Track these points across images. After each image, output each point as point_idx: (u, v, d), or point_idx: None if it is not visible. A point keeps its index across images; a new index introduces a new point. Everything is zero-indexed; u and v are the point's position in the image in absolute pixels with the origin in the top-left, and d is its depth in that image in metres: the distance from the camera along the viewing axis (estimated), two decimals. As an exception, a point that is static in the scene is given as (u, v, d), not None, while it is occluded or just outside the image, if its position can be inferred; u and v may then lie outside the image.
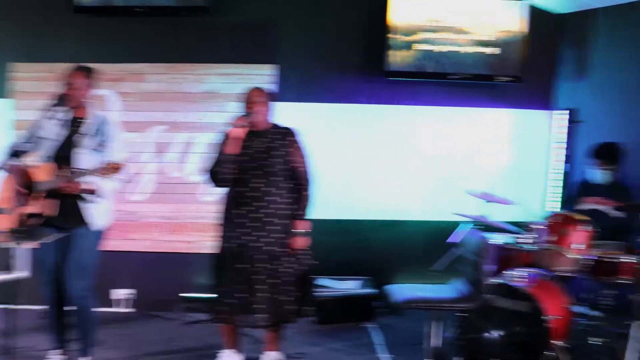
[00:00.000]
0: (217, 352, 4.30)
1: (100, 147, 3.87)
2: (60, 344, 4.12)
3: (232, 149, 3.85)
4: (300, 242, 4.02)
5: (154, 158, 5.67)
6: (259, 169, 3.94)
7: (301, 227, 4.03)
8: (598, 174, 4.98)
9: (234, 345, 4.23)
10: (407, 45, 5.78)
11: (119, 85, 5.63)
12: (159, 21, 5.65)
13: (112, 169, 3.63)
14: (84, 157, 3.83)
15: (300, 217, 4.04)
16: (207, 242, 4.16)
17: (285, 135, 4.09)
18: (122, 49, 5.66)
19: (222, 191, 4.07)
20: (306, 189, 4.09)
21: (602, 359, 4.26)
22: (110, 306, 5.61)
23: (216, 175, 3.95)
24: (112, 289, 5.62)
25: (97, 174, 3.66)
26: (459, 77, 5.85)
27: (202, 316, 5.21)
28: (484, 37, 5.84)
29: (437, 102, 6.03)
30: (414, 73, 5.84)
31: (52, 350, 4.12)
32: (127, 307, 5.62)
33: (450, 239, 4.93)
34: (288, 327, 4.16)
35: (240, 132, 3.86)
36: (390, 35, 5.74)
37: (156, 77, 5.66)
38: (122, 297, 5.62)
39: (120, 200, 5.54)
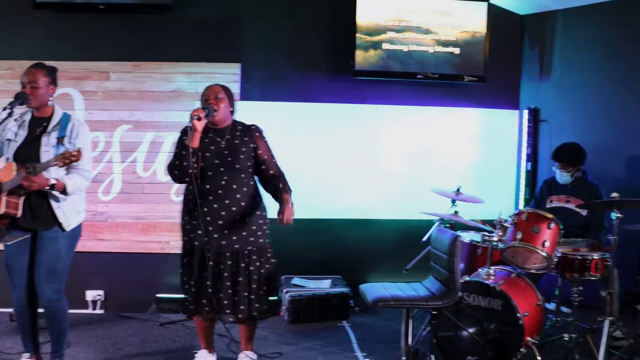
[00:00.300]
0: (193, 353, 4.27)
1: (64, 146, 3.75)
2: (32, 347, 4.01)
3: (192, 141, 3.79)
4: (292, 212, 3.91)
5: (121, 158, 5.57)
6: (222, 166, 3.89)
7: (289, 198, 3.94)
8: (559, 175, 5.09)
9: (208, 345, 4.20)
10: (374, 45, 5.82)
11: (83, 83, 5.52)
12: (123, 19, 5.55)
13: (71, 156, 3.54)
14: (48, 157, 3.71)
15: (287, 189, 3.98)
16: (178, 242, 4.10)
17: (249, 131, 4.05)
18: (86, 47, 5.54)
19: (185, 188, 4.01)
20: (282, 174, 4.06)
21: (574, 355, 4.35)
22: (84, 308, 5.50)
23: (176, 169, 3.87)
24: (84, 290, 5.51)
25: (56, 163, 3.55)
26: (424, 76, 5.91)
27: (176, 317, 5.17)
28: (448, 37, 5.92)
29: (404, 102, 6.09)
30: (380, 72, 5.89)
31: (24, 354, 4.01)
32: (100, 308, 5.53)
33: (422, 238, 4.98)
34: (263, 326, 4.15)
35: (199, 125, 3.79)
36: (357, 35, 5.77)
37: (121, 75, 5.57)
38: (95, 298, 5.51)
39: (89, 200, 5.45)
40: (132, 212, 5.57)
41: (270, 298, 4.04)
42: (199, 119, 3.78)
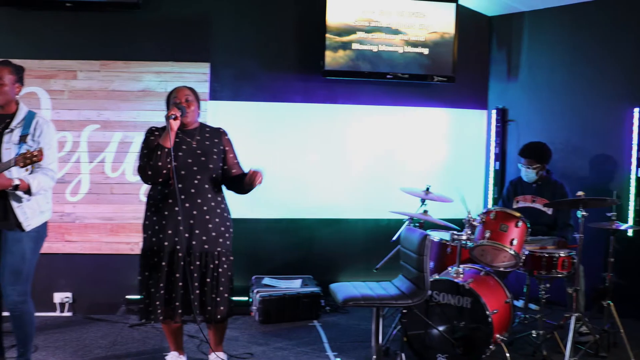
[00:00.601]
0: (163, 355, 4.24)
1: (29, 146, 3.69)
2: (-3, 351, 3.95)
3: (167, 141, 3.76)
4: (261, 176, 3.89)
5: (89, 158, 5.50)
6: (195, 165, 3.87)
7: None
8: (524, 172, 5.16)
9: (178, 347, 4.16)
10: (343, 45, 5.84)
11: (49, 82, 5.44)
12: (90, 16, 5.49)
13: (32, 157, 3.48)
14: (9, 155, 3.64)
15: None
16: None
17: (219, 134, 4.07)
18: (52, 45, 5.46)
19: (151, 188, 3.97)
20: None
21: (541, 351, 4.42)
22: (51, 310, 5.42)
23: (150, 169, 3.78)
24: (52, 292, 5.43)
25: (17, 163, 3.49)
26: (393, 76, 5.94)
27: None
28: (418, 37, 5.97)
29: (374, 102, 6.13)
30: (350, 72, 5.91)
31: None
32: (68, 311, 5.45)
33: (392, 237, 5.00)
34: (234, 327, 4.12)
35: (175, 125, 3.77)
36: (327, 35, 5.78)
37: (88, 74, 5.50)
38: (63, 301, 5.44)
39: (56, 201, 5.37)
40: (100, 213, 5.51)
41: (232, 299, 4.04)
42: (175, 118, 3.76)
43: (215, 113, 5.65)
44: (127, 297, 5.42)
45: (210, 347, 4.17)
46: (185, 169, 3.86)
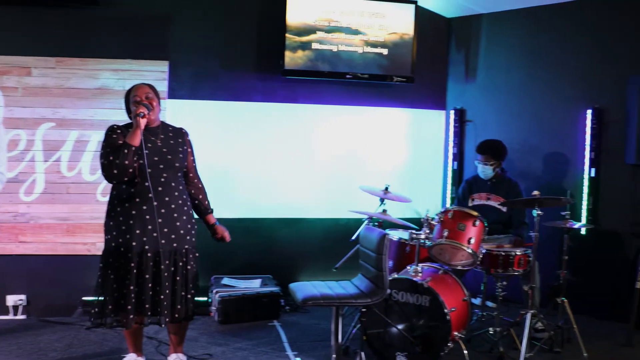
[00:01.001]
0: (121, 356, 4.17)
1: None
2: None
3: (135, 139, 3.71)
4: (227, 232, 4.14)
5: (44, 157, 5.39)
6: (162, 163, 3.82)
7: (214, 220, 4.11)
8: (481, 169, 5.23)
9: (137, 349, 4.11)
10: (303, 45, 5.84)
11: (2, 79, 5.30)
12: (47, 12, 5.37)
13: None
14: None
15: (210, 208, 4.13)
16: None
17: (182, 134, 4.03)
18: (6, 40, 5.32)
19: (113, 187, 3.91)
20: (203, 187, 4.12)
21: (498, 348, 4.49)
22: (4, 314, 5.30)
23: (115, 168, 3.69)
24: (5, 295, 5.30)
25: None
26: (353, 76, 5.97)
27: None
28: (377, 38, 6.01)
29: (334, 101, 6.15)
30: (309, 72, 5.92)
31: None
32: (22, 314, 5.33)
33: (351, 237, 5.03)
34: (193, 327, 4.08)
35: (143, 123, 3.72)
36: (287, 35, 5.77)
37: (43, 71, 5.38)
38: (16, 303, 5.31)
39: (9, 201, 5.27)
40: (56, 213, 5.39)
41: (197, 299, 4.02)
42: (144, 116, 3.72)
43: (174, 112, 5.59)
44: (84, 298, 5.30)
45: (170, 348, 4.12)
46: (152, 167, 3.80)
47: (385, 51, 6.03)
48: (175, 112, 5.61)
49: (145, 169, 3.75)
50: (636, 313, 4.89)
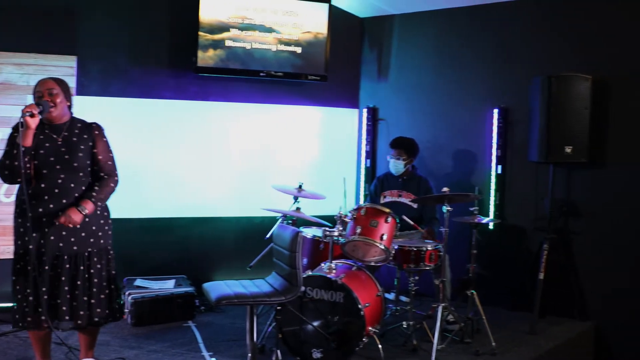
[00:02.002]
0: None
1: None
2: None
3: (24, 140, 3.55)
4: (75, 219, 3.64)
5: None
6: (59, 164, 3.68)
7: (87, 207, 3.69)
8: (393, 164, 5.34)
9: (45, 356, 3.95)
10: (216, 42, 5.79)
11: None
12: (-57, 3, 5.10)
13: None
14: None
15: (92, 197, 3.72)
16: (11, 247, 3.83)
17: (89, 129, 3.86)
18: None
19: (18, 188, 3.76)
20: (112, 181, 3.85)
21: (412, 341, 4.59)
22: None
23: (6, 169, 3.61)
24: None
25: None
26: (267, 74, 5.96)
27: (7, 327, 4.77)
28: (291, 36, 6.02)
29: (248, 99, 6.12)
30: (222, 70, 5.86)
31: None
32: None
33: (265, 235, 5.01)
34: (105, 331, 3.96)
35: (32, 122, 3.57)
36: (200, 32, 5.70)
37: (-61, 64, 5.11)
38: None
39: None
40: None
41: (116, 301, 3.91)
42: (32, 115, 3.54)
43: (83, 109, 5.37)
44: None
45: (80, 353, 3.99)
46: (47, 167, 3.66)
47: (299, 50, 6.05)
48: (85, 109, 5.38)
49: (39, 170, 3.61)
50: (539, 303, 5.12)
